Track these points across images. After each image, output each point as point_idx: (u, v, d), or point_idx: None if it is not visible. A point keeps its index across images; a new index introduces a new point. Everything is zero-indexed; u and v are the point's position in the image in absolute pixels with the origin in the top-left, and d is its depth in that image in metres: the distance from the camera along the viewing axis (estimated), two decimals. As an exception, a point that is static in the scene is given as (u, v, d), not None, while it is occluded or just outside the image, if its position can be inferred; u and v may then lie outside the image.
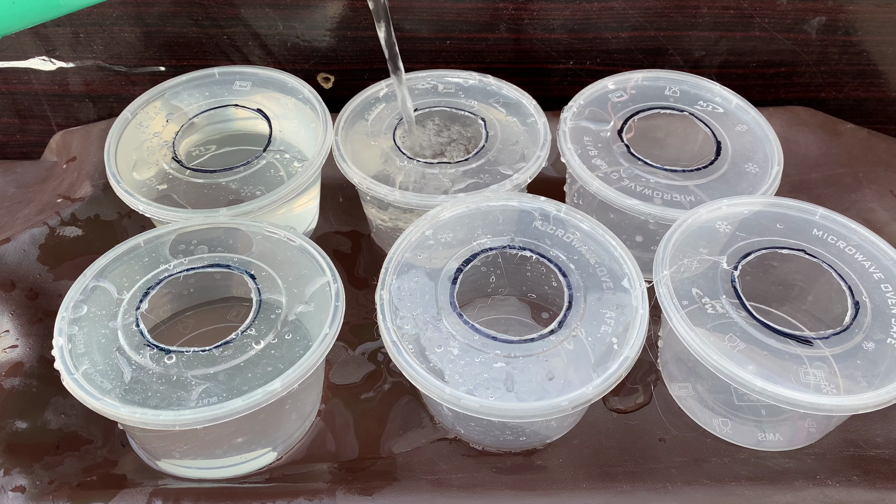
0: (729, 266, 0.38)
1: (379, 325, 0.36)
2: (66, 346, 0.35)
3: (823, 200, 0.43)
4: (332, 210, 0.51)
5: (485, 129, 0.47)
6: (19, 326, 0.41)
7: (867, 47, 0.55)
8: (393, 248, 0.39)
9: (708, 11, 0.53)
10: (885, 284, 0.38)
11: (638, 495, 0.36)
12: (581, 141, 0.46)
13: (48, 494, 0.36)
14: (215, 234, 0.40)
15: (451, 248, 0.40)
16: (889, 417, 0.39)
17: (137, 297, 0.37)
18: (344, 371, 0.42)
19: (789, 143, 0.52)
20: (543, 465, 0.38)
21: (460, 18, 0.53)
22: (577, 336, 0.36)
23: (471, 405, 0.33)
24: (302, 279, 0.38)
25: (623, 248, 0.39)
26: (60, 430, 0.39)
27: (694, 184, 0.44)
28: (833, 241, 0.40)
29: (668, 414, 0.40)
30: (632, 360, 0.34)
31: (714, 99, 0.49)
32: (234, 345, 0.35)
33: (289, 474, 0.38)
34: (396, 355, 0.35)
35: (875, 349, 0.35)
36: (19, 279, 0.43)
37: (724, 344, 0.35)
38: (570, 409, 0.33)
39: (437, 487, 0.36)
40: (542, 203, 0.41)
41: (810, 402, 0.33)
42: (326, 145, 0.45)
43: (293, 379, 0.34)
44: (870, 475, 0.37)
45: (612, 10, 0.53)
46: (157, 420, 0.32)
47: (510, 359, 0.35)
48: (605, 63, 0.56)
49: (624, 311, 0.37)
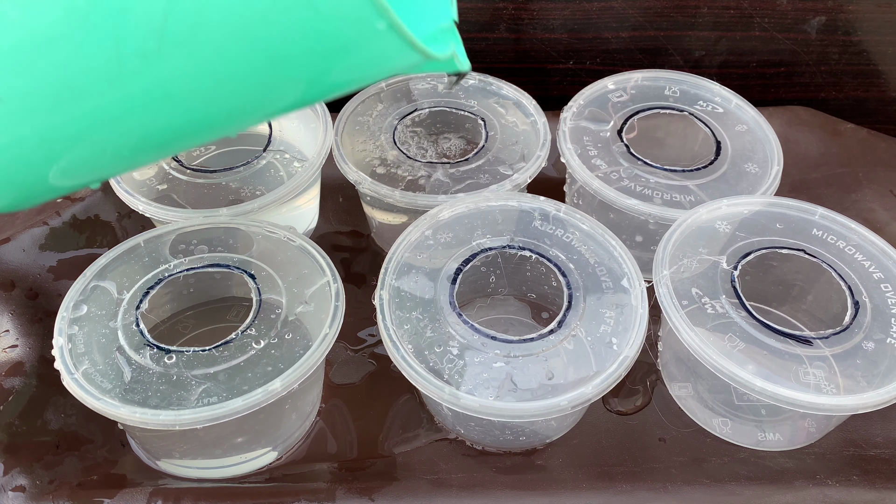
0: (729, 266, 0.38)
1: (378, 325, 0.36)
2: (66, 346, 0.35)
3: (823, 200, 0.43)
4: (332, 210, 0.51)
5: (485, 129, 0.47)
6: (19, 326, 0.41)
7: (867, 47, 0.55)
8: (392, 248, 0.39)
9: (708, 11, 0.53)
10: (884, 284, 0.38)
11: (638, 495, 0.36)
12: (581, 141, 0.46)
13: (48, 494, 0.35)
14: (215, 233, 0.40)
15: (450, 248, 0.40)
16: (889, 417, 0.39)
17: (137, 297, 0.37)
18: (344, 371, 0.42)
19: (789, 143, 0.52)
20: (543, 465, 0.38)
21: (460, 18, 0.53)
22: (577, 336, 0.36)
23: (470, 405, 0.33)
24: (302, 279, 0.38)
25: (623, 247, 0.39)
26: (60, 430, 0.39)
27: (694, 184, 0.44)
28: (833, 241, 0.40)
29: (667, 414, 0.40)
30: (631, 359, 0.34)
31: (714, 99, 0.49)
32: (234, 345, 0.35)
33: (289, 474, 0.38)
34: (396, 355, 0.35)
35: (875, 349, 0.35)
36: (19, 279, 0.43)
37: (723, 344, 0.35)
38: (569, 408, 0.33)
39: (437, 487, 0.36)
40: (542, 203, 0.41)
41: (810, 402, 0.33)
42: (326, 145, 0.45)
43: (293, 379, 0.34)
44: (870, 475, 0.37)
45: (612, 10, 0.53)
46: (157, 420, 0.32)
47: (510, 358, 0.35)
48: (605, 63, 0.56)
49: (623, 310, 0.37)
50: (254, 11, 0.22)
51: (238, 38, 0.23)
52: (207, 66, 0.23)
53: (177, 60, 0.23)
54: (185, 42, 0.22)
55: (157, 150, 0.29)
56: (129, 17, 0.22)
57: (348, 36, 0.23)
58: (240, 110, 0.27)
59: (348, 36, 0.23)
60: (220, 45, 0.23)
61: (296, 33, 0.23)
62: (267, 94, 0.26)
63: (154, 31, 0.22)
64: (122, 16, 0.22)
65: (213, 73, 0.24)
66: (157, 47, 0.22)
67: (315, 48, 0.24)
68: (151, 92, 0.24)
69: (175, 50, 0.23)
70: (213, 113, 0.26)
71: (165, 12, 0.22)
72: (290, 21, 0.22)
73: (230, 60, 0.23)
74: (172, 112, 0.25)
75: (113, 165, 0.29)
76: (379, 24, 0.22)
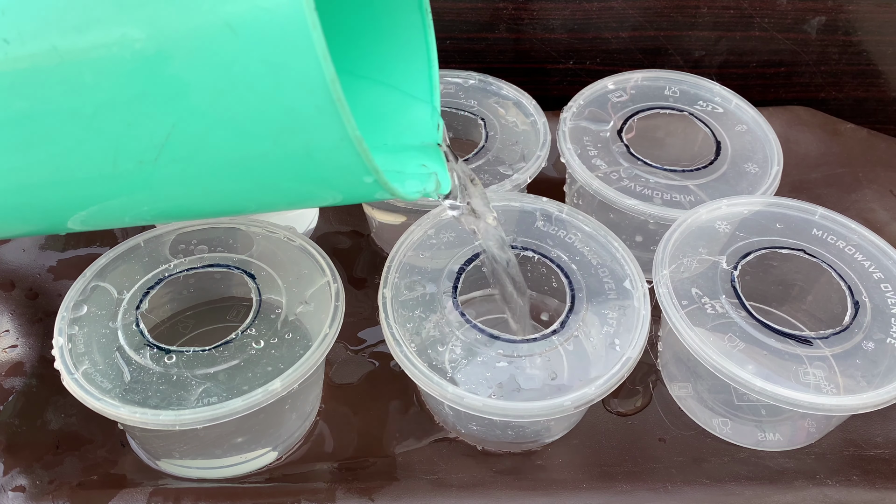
0: (728, 266, 0.38)
1: (381, 323, 0.36)
2: (66, 346, 0.35)
3: (823, 200, 0.43)
4: (332, 210, 0.51)
5: (485, 129, 0.47)
6: (19, 326, 0.41)
7: (867, 47, 0.55)
8: (395, 248, 0.39)
9: (708, 11, 0.53)
10: (884, 284, 0.38)
11: (638, 495, 0.36)
12: (581, 141, 0.46)
13: (48, 494, 0.35)
14: (215, 233, 0.40)
15: (453, 247, 0.40)
16: (889, 417, 0.39)
17: (137, 297, 0.37)
18: (344, 371, 0.42)
19: (789, 143, 0.52)
20: (543, 465, 0.38)
21: (460, 18, 0.53)
22: (580, 337, 0.36)
23: (473, 404, 0.33)
24: (302, 279, 0.38)
25: (625, 249, 0.39)
26: (60, 430, 0.38)
27: (694, 184, 0.44)
28: (833, 241, 0.40)
29: (667, 414, 0.40)
30: (634, 360, 0.35)
31: (714, 99, 0.49)
32: (234, 345, 0.35)
33: (289, 474, 0.38)
34: (399, 353, 0.35)
35: (875, 349, 0.35)
36: (19, 279, 0.43)
37: (723, 344, 0.35)
38: (572, 409, 0.33)
39: (437, 487, 0.36)
40: (545, 204, 0.41)
41: (810, 402, 0.33)
42: (326, 145, 0.45)
43: (293, 379, 0.34)
44: (870, 475, 0.37)
45: (612, 10, 0.53)
46: (158, 420, 0.32)
47: (512, 358, 0.35)
48: (605, 63, 0.56)
49: (626, 311, 0.37)
50: (253, 151, 0.24)
51: (233, 167, 0.25)
52: (199, 181, 0.26)
53: (171, 171, 0.25)
54: (181, 160, 0.24)
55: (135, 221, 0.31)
56: (134, 132, 0.23)
57: (337, 179, 0.25)
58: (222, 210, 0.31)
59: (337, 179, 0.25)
60: (215, 169, 0.25)
61: (289, 173, 0.25)
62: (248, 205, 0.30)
63: (154, 147, 0.24)
64: (128, 130, 0.23)
65: (202, 186, 0.26)
66: (154, 158, 0.24)
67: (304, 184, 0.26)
68: (142, 188, 0.26)
69: (171, 164, 0.24)
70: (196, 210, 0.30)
71: (169, 134, 0.23)
72: (285, 164, 0.24)
73: (222, 180, 0.26)
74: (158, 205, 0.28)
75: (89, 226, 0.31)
76: (367, 179, 0.25)
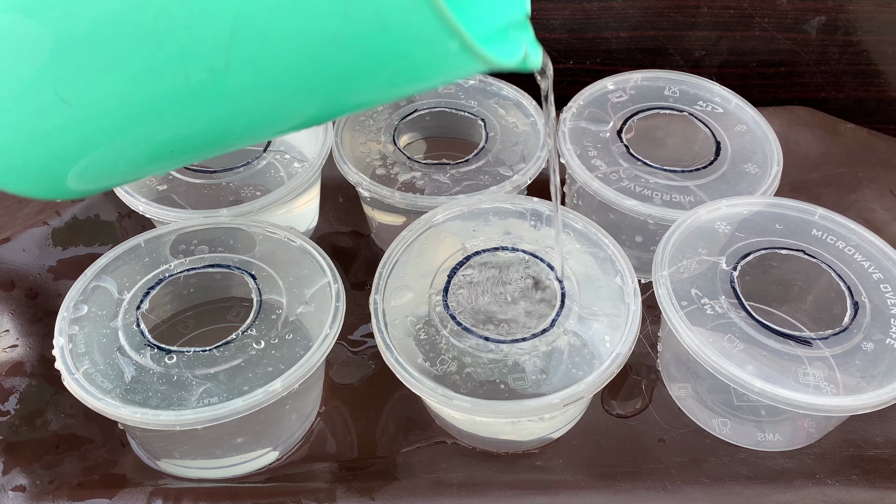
0: (728, 266, 0.38)
1: (373, 329, 0.36)
2: (66, 346, 0.35)
3: (823, 200, 0.43)
4: (332, 210, 0.51)
5: (485, 129, 0.47)
6: (19, 326, 0.41)
7: (867, 47, 0.55)
8: (387, 252, 0.39)
9: (708, 11, 0.53)
10: (884, 285, 0.38)
11: (638, 495, 0.36)
12: (580, 141, 0.46)
13: (48, 494, 0.36)
14: (216, 234, 0.40)
15: (444, 250, 0.40)
16: (888, 417, 0.39)
17: (138, 297, 0.37)
18: (344, 371, 0.42)
19: (789, 143, 0.52)
20: (543, 465, 0.38)
21: (460, 18, 0.53)
22: (570, 334, 0.36)
23: (463, 405, 0.33)
24: (302, 279, 0.38)
25: (616, 245, 0.39)
26: (60, 430, 0.39)
27: (693, 184, 0.44)
28: (832, 242, 0.40)
29: (667, 414, 0.40)
30: (624, 356, 0.35)
31: (713, 99, 0.49)
32: (234, 345, 0.35)
33: (289, 474, 0.38)
34: (390, 358, 0.35)
35: (874, 349, 0.35)
36: (19, 279, 0.43)
37: (723, 344, 0.35)
38: (562, 406, 0.33)
39: (437, 487, 0.36)
40: (535, 204, 0.41)
41: (810, 402, 0.33)
42: (326, 146, 0.45)
43: (294, 379, 0.34)
44: (869, 475, 0.37)
45: (612, 10, 0.53)
46: (158, 420, 0.32)
47: (503, 358, 0.35)
48: (605, 63, 0.56)
49: (616, 308, 0.37)
50: (323, 33, 0.22)
51: (305, 60, 0.22)
52: (274, 82, 0.23)
53: (244, 76, 0.23)
54: (252, 60, 0.22)
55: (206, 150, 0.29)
56: (196, 36, 0.22)
57: (418, 55, 0.22)
58: (301, 118, 0.27)
59: (418, 55, 0.22)
60: (288, 67, 0.23)
61: (365, 54, 0.22)
62: (328, 106, 0.26)
63: (221, 49, 0.22)
64: (189, 34, 0.22)
65: (279, 89, 0.24)
66: (224, 64, 0.22)
67: (383, 67, 0.23)
68: (221, 101, 0.24)
69: (243, 67, 0.22)
70: (274, 121, 0.27)
71: (232, 31, 0.21)
72: (359, 42, 0.22)
73: (297, 79, 0.23)
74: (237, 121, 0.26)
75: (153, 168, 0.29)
76: (452, 45, 0.21)
